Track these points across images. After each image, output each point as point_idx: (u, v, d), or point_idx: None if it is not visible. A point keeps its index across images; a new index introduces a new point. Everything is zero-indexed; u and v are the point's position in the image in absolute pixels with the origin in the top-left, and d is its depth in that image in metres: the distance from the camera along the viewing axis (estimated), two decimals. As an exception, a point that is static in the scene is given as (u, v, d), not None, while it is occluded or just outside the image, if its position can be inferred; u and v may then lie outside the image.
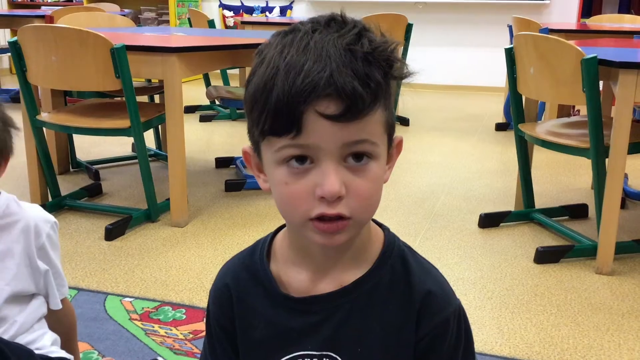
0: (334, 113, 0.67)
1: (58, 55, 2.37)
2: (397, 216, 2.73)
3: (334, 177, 0.70)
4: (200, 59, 2.58)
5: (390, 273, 0.82)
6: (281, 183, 0.73)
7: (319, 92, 0.67)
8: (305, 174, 0.71)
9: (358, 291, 0.81)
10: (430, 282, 0.82)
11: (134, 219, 2.54)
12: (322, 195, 0.70)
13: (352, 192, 0.71)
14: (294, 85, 0.67)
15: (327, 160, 0.70)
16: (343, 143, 0.69)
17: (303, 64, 0.68)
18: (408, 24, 4.41)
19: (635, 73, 2.02)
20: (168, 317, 1.88)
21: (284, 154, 0.71)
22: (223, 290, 0.88)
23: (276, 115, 0.69)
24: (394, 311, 0.81)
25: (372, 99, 0.69)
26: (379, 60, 0.70)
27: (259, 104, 0.70)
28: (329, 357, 0.82)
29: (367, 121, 0.70)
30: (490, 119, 4.85)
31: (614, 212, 2.14)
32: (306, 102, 0.67)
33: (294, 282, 0.83)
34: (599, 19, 4.89)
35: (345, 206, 0.71)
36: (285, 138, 0.70)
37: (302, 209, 0.72)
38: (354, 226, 0.74)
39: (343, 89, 0.67)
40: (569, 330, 1.82)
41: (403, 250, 0.84)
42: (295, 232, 0.81)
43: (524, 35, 2.39)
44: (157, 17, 6.58)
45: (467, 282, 2.13)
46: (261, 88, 0.70)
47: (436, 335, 0.80)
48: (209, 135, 4.34)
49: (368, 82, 0.68)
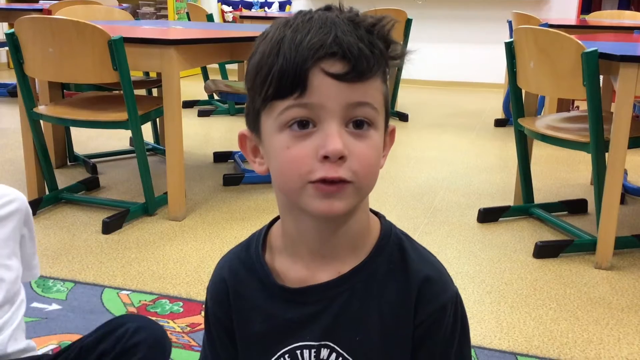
0: (339, 72, 0.69)
1: (55, 47, 2.35)
2: (395, 211, 2.72)
3: (337, 136, 0.70)
4: (198, 52, 2.57)
5: (388, 260, 0.81)
6: (282, 148, 0.72)
7: (324, 50, 0.68)
8: (307, 137, 0.71)
9: (355, 279, 0.80)
10: (428, 268, 0.81)
11: (132, 212, 2.53)
12: (325, 154, 0.69)
13: (354, 156, 0.71)
14: (300, 45, 0.69)
15: (330, 121, 0.70)
16: (347, 103, 0.70)
17: (308, 31, 0.70)
18: (408, 19, 4.40)
19: (636, 67, 2.01)
20: (165, 310, 1.87)
21: (287, 116, 0.71)
22: (220, 286, 0.87)
23: (282, 76, 0.69)
24: (392, 298, 0.80)
25: (375, 62, 0.71)
26: (380, 35, 0.72)
27: (264, 69, 0.71)
28: (327, 347, 0.81)
29: (370, 85, 0.71)
30: (489, 115, 4.84)
31: (613, 206, 2.13)
32: (313, 59, 0.68)
33: (290, 272, 0.82)
34: (599, 15, 4.87)
35: (347, 169, 0.71)
36: (289, 99, 0.70)
37: (303, 171, 0.71)
38: (354, 192, 0.73)
39: (349, 49, 0.69)
40: (568, 325, 1.81)
41: (400, 238, 0.84)
42: (291, 211, 0.78)
43: (524, 29, 2.38)
44: (155, 12, 6.56)
45: (465, 277, 2.12)
46: (267, 55, 0.71)
47: (433, 322, 0.80)
48: (207, 130, 4.33)
49: (372, 47, 0.70)
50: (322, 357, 0.81)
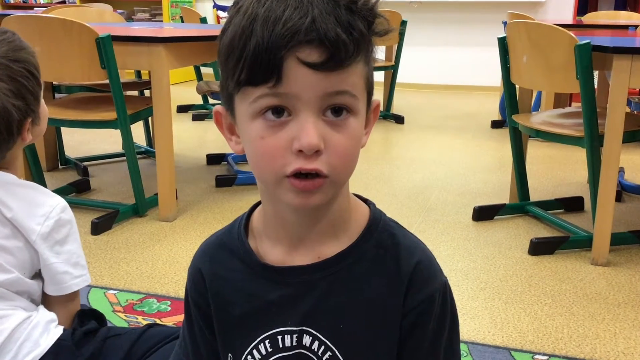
0: (316, 61, 0.64)
1: (42, 46, 2.31)
2: (389, 210, 2.65)
3: (313, 129, 0.66)
4: (188, 50, 2.54)
5: (376, 247, 0.78)
6: (257, 137, 0.69)
7: (300, 37, 0.64)
8: (282, 126, 0.67)
9: (339, 265, 0.77)
10: (418, 254, 0.78)
11: (121, 213, 2.49)
12: (300, 148, 0.66)
13: (330, 148, 0.68)
14: (274, 31, 0.64)
15: (306, 111, 0.66)
16: (324, 93, 0.66)
17: (283, 9, 0.64)
18: (402, 20, 4.38)
19: (629, 58, 1.98)
20: (153, 309, 1.83)
21: (261, 104, 0.67)
22: (197, 271, 0.85)
23: (254, 62, 0.65)
24: (380, 287, 0.77)
25: (355, 48, 0.66)
26: (362, 10, 0.67)
27: (236, 51, 0.66)
28: (309, 334, 0.78)
29: (349, 72, 0.67)
30: (485, 117, 4.81)
31: (609, 201, 2.10)
32: (287, 48, 0.64)
33: (271, 255, 0.80)
34: (594, 16, 4.85)
35: (323, 162, 0.67)
36: (263, 87, 0.66)
37: (277, 164, 0.68)
38: (331, 186, 0.70)
39: (326, 36, 0.64)
40: (563, 320, 1.78)
41: (390, 226, 0.81)
42: (270, 197, 0.77)
43: (517, 23, 2.36)
44: (150, 18, 6.56)
45: (460, 273, 2.08)
46: (239, 35, 0.66)
47: (421, 312, 0.76)
48: (200, 134, 4.30)
49: (351, 30, 0.65)
50: (305, 344, 0.79)
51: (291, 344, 0.79)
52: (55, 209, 1.18)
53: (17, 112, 1.15)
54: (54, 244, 1.18)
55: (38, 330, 1.15)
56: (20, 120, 1.17)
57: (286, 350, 0.79)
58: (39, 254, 1.17)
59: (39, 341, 1.14)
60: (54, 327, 1.18)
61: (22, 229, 1.15)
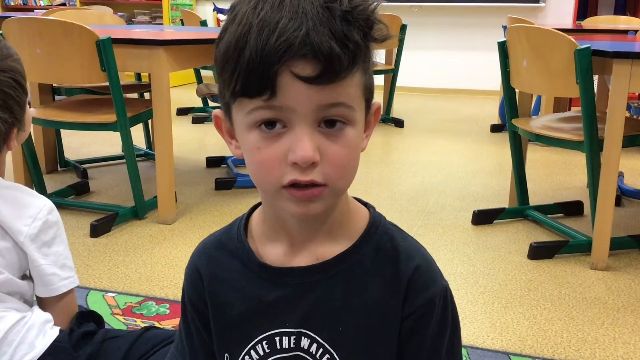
0: (310, 75, 0.63)
1: (43, 48, 2.33)
2: (389, 213, 2.65)
3: (308, 142, 0.66)
4: (188, 53, 2.54)
5: (375, 250, 0.78)
6: (253, 148, 0.69)
7: (294, 51, 0.63)
8: (277, 138, 0.67)
9: (338, 267, 0.77)
10: (417, 258, 0.78)
11: (120, 215, 2.49)
12: (295, 161, 0.66)
13: (326, 159, 0.67)
14: (267, 44, 0.63)
15: (300, 124, 0.66)
16: (318, 106, 0.66)
17: (277, 21, 0.63)
18: (402, 24, 4.39)
19: (629, 63, 1.98)
20: (151, 311, 1.83)
21: (255, 116, 0.67)
22: (194, 270, 0.85)
23: (248, 75, 0.65)
24: (379, 290, 0.77)
25: (350, 61, 0.65)
26: (359, 19, 0.66)
27: (231, 62, 0.66)
28: (307, 337, 0.78)
29: (345, 84, 0.66)
30: (485, 121, 4.82)
31: (608, 205, 2.10)
32: (280, 62, 0.63)
33: (269, 256, 0.79)
34: (594, 21, 4.86)
35: (320, 173, 0.67)
36: (257, 99, 0.66)
37: (274, 176, 0.68)
38: (330, 194, 0.70)
39: (320, 49, 0.63)
40: (562, 325, 1.77)
41: (390, 229, 0.81)
42: (270, 203, 0.77)
43: (516, 28, 2.36)
44: (150, 21, 6.56)
45: (459, 277, 2.08)
46: (233, 46, 0.66)
47: (421, 316, 0.76)
48: (200, 136, 4.30)
49: (346, 42, 0.64)
50: (303, 346, 0.78)
51: (289, 346, 0.79)
52: (43, 210, 1.18)
53: (3, 125, 1.14)
54: (42, 246, 1.18)
55: (33, 332, 1.14)
56: (7, 132, 1.16)
57: (284, 352, 0.79)
58: (28, 255, 1.16)
59: (34, 343, 1.14)
60: (50, 328, 1.18)
61: (10, 231, 1.14)
